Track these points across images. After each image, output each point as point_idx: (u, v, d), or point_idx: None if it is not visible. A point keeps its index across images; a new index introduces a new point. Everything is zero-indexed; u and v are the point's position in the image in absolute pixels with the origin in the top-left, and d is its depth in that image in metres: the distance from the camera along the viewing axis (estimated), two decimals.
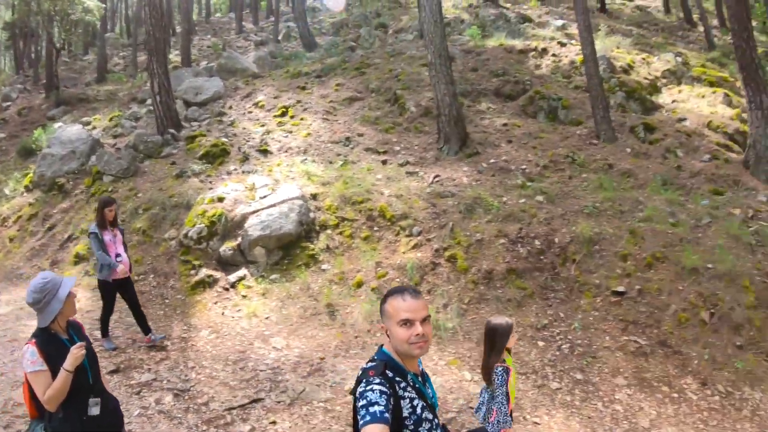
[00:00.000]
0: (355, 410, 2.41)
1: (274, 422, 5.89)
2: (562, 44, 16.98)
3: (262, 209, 9.15)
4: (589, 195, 9.80)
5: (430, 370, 6.75)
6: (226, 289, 8.62)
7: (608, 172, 10.74)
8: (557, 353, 7.08)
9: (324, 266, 8.69)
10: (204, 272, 8.85)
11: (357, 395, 2.40)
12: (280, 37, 27.25)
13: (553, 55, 16.45)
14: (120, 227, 7.51)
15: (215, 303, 8.40)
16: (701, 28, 22.85)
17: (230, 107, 14.93)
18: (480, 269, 8.23)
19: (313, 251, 8.89)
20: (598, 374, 6.76)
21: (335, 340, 7.41)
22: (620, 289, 7.76)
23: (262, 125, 13.31)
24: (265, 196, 9.56)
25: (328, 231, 9.19)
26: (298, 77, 16.85)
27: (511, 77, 14.98)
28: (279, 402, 6.26)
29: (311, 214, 9.35)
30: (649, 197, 9.69)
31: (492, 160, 11.22)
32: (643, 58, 16.37)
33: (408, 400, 2.46)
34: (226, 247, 9.04)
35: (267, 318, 7.95)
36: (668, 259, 8.10)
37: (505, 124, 12.86)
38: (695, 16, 24.87)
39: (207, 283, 8.69)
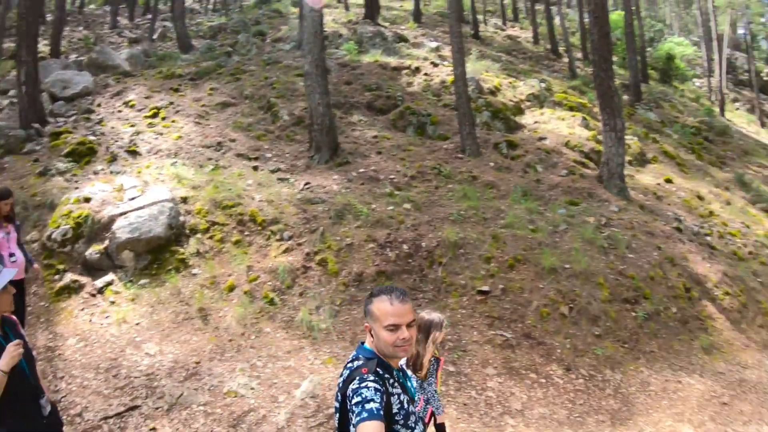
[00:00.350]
0: (344, 407, 2.67)
1: (154, 429, 6.19)
2: (435, 64, 18.61)
3: (131, 211, 9.20)
4: (454, 204, 10.94)
5: (307, 369, 7.34)
6: (93, 295, 8.56)
7: (472, 183, 12.03)
8: None
9: (195, 271, 8.95)
10: (69, 277, 8.74)
11: (350, 392, 2.61)
12: (155, 36, 26.86)
13: (426, 74, 17.95)
14: (16, 222, 7.26)
15: (82, 310, 8.34)
16: (566, 59, 25.62)
17: (99, 105, 14.70)
18: (350, 272, 8.96)
19: (184, 255, 9.10)
20: (470, 366, 7.66)
21: (210, 344, 7.72)
22: (485, 288, 8.82)
23: (132, 125, 13.29)
24: (133, 198, 9.60)
25: (199, 235, 9.44)
26: (171, 78, 16.96)
27: (383, 92, 16.24)
28: (157, 408, 6.54)
29: (181, 218, 9.53)
30: (510, 206, 11.05)
31: (362, 170, 12.10)
32: (510, 82, 18.26)
33: (396, 396, 2.72)
34: (93, 251, 8.95)
35: (137, 324, 8.10)
36: (529, 260, 9.34)
37: (375, 136, 13.94)
38: (561, 48, 27.79)
39: (72, 289, 8.62)
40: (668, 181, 15.32)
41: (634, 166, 15.61)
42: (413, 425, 2.80)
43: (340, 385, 2.76)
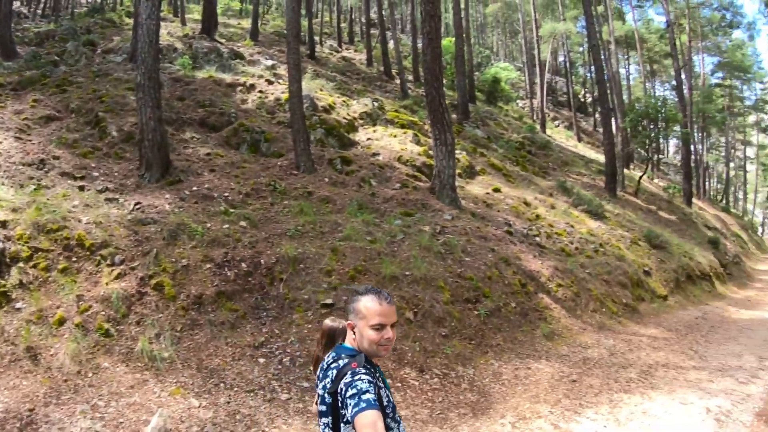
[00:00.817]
0: (335, 404, 2.71)
1: None
2: (270, 82, 18.75)
3: None
4: (291, 219, 11.01)
5: (154, 403, 6.91)
6: None
7: (308, 199, 12.17)
8: (280, 367, 7.78)
9: (18, 305, 8.04)
10: None
11: (342, 386, 2.65)
12: None
13: (260, 91, 18.01)
14: None
15: None
16: (398, 81, 26.86)
17: None
18: (189, 295, 8.60)
19: (5, 288, 8.09)
20: None
21: (43, 388, 6.97)
22: (329, 301, 8.89)
23: None
24: None
25: (21, 264, 8.49)
26: None
27: (217, 109, 16.01)
28: None
29: (0, 245, 8.78)
30: (347, 220, 11.32)
31: (194, 188, 11.76)
32: (344, 101, 18.81)
33: (383, 390, 2.83)
34: None
35: None
36: (369, 270, 9.61)
37: (208, 154, 13.66)
38: (394, 71, 29.05)
39: None
40: (496, 190, 16.43)
41: (464, 178, 16.60)
42: (399, 419, 2.91)
43: (327, 385, 2.78)
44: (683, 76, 38.71)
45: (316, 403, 2.96)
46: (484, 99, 34.02)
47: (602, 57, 28.43)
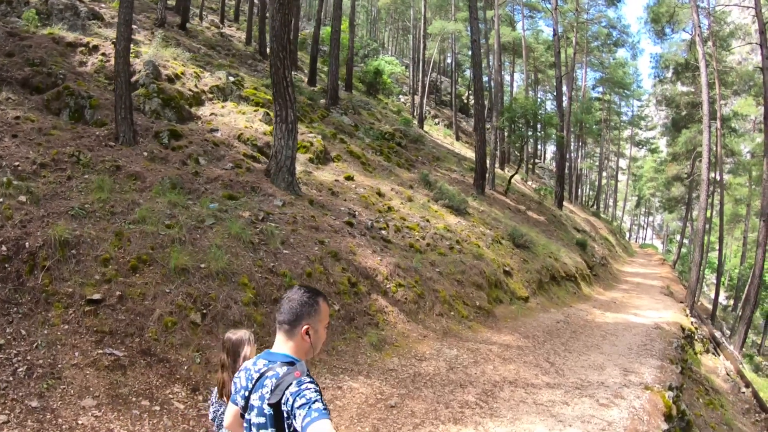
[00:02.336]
0: (278, 416, 2.42)
1: None
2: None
3: None
4: (82, 196, 8.91)
5: None
6: None
7: (115, 174, 10.03)
8: (11, 379, 5.84)
9: None
10: None
11: (289, 396, 2.38)
12: None
13: (103, 54, 15.44)
14: None
15: None
16: None
17: None
18: None
19: None
20: (61, 398, 5.79)
21: None
22: (96, 296, 6.93)
23: None
24: None
25: None
26: None
27: (46, 69, 13.45)
28: None
29: None
30: (151, 199, 9.28)
31: None
32: (195, 72, 16.53)
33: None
34: None
35: None
36: (156, 261, 7.70)
37: (17, 117, 11.24)
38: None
39: None
40: (349, 178, 14.85)
41: (315, 163, 14.93)
42: None
43: (266, 395, 2.49)
44: (564, 87, 39.03)
45: (241, 416, 2.71)
46: (365, 90, 32.82)
47: (487, 59, 27.76)
